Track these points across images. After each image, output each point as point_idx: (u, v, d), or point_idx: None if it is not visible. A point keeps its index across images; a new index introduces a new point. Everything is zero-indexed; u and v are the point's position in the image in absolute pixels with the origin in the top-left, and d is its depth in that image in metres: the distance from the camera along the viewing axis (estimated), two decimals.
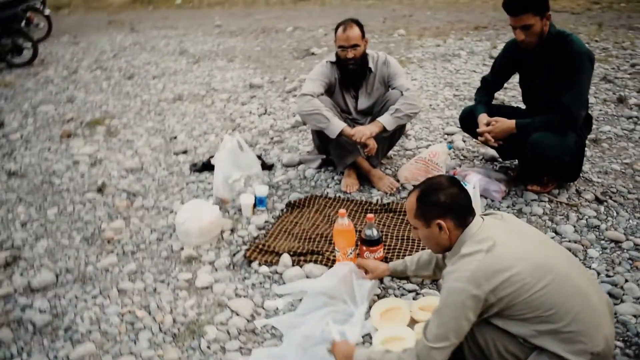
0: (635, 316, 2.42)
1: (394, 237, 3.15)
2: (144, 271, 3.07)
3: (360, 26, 3.67)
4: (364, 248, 2.72)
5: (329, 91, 3.80)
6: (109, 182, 4.22)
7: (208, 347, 2.45)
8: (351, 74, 3.70)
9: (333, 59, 3.81)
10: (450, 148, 3.98)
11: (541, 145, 3.10)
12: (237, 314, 2.66)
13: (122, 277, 3.02)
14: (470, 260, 1.81)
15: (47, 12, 11.49)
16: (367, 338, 2.43)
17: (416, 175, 3.73)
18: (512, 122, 3.23)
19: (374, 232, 2.70)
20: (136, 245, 3.34)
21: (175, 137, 5.14)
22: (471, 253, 1.82)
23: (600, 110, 4.98)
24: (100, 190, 4.08)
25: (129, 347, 2.48)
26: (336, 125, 3.51)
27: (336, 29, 3.69)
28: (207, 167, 4.23)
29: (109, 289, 2.92)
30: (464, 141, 4.40)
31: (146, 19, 13.38)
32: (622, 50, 6.97)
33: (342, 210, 2.72)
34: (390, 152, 4.21)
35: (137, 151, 4.86)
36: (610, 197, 3.45)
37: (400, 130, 3.88)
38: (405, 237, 3.15)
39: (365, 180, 3.85)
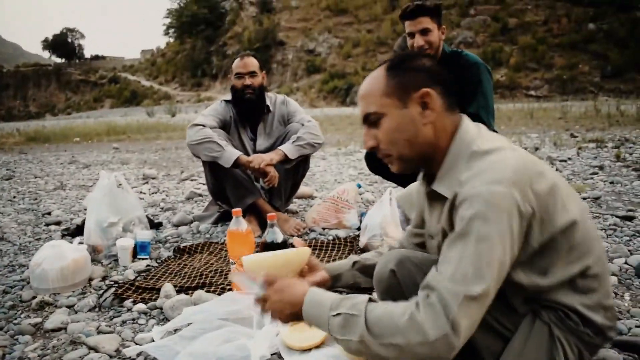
0: None
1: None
2: None
3: (258, 59, 3.44)
4: None
5: (224, 129, 3.43)
6: None
7: None
8: (248, 106, 3.37)
9: (227, 98, 3.50)
10: (359, 187, 3.64)
11: None
12: (97, 351, 1.98)
13: None
14: (501, 156, 1.19)
15: None
16: (274, 358, 1.83)
17: (325, 216, 3.31)
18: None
19: (277, 235, 2.18)
20: None
21: (50, 213, 4.44)
22: (493, 149, 1.21)
23: None
24: None
25: None
26: (231, 153, 3.10)
27: (232, 62, 3.44)
28: (82, 230, 3.57)
29: None
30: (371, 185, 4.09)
31: (40, 150, 12.73)
32: None
33: (235, 210, 2.21)
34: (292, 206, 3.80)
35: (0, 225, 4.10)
36: None
37: (303, 166, 3.51)
38: None
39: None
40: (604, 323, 1.24)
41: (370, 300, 1.18)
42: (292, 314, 1.29)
